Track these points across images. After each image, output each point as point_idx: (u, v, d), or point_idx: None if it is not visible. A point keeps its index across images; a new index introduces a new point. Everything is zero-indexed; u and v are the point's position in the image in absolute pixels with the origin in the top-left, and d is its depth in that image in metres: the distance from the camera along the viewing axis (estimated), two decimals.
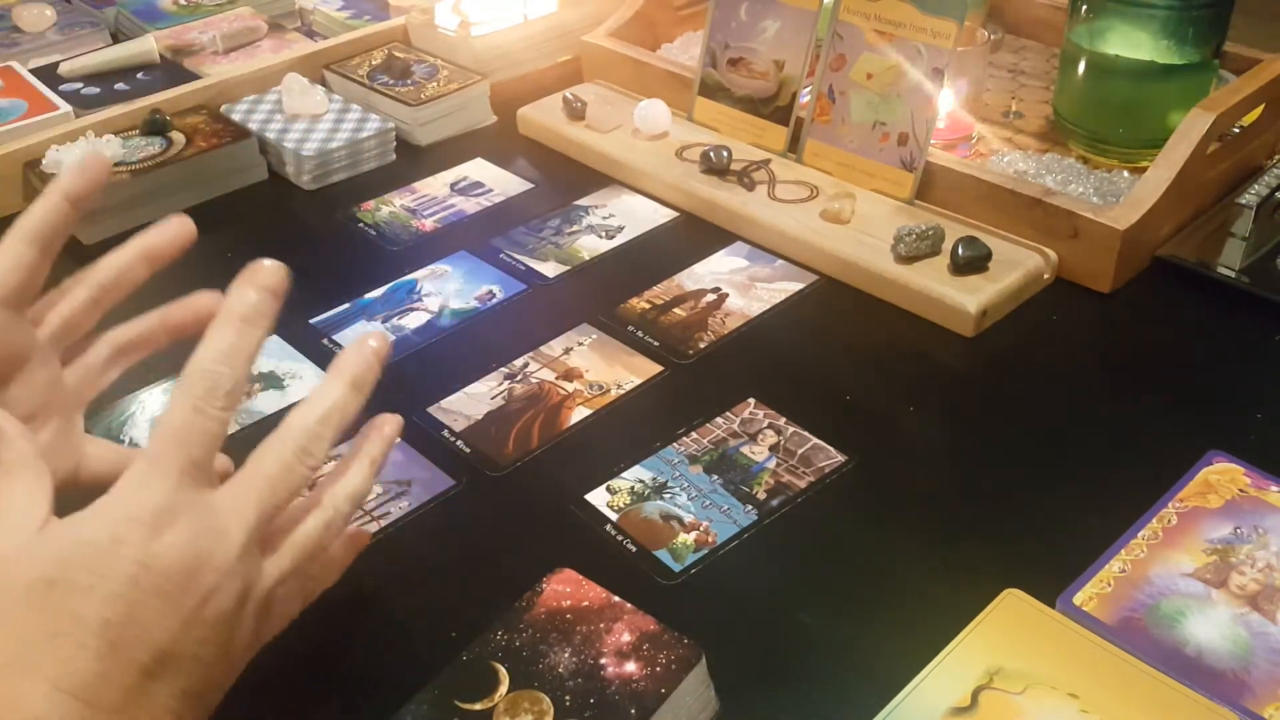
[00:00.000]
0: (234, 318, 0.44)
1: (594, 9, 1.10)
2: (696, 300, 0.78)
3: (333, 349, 0.74)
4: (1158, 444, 0.63)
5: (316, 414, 0.46)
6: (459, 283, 0.81)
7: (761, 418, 0.67)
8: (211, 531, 0.42)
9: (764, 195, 0.85)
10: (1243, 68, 0.85)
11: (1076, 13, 0.86)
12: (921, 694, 0.48)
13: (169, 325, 0.56)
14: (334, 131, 0.96)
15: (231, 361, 0.43)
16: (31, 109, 0.99)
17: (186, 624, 0.41)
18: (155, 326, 0.56)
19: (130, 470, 0.42)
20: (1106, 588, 0.53)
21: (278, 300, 0.45)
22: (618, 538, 0.59)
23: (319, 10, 1.22)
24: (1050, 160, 0.88)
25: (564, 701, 0.46)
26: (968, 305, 0.72)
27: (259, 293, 0.45)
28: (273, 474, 0.44)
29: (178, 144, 0.93)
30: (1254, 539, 0.55)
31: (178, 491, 0.42)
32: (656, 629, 0.49)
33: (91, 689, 0.39)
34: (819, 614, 0.54)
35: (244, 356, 0.44)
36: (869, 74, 0.83)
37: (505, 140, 1.01)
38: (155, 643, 0.40)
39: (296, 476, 0.45)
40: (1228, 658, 0.50)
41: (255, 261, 0.45)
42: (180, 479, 0.42)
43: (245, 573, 0.43)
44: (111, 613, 0.39)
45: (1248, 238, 0.75)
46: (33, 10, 1.18)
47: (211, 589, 0.41)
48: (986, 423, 0.66)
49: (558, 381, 0.70)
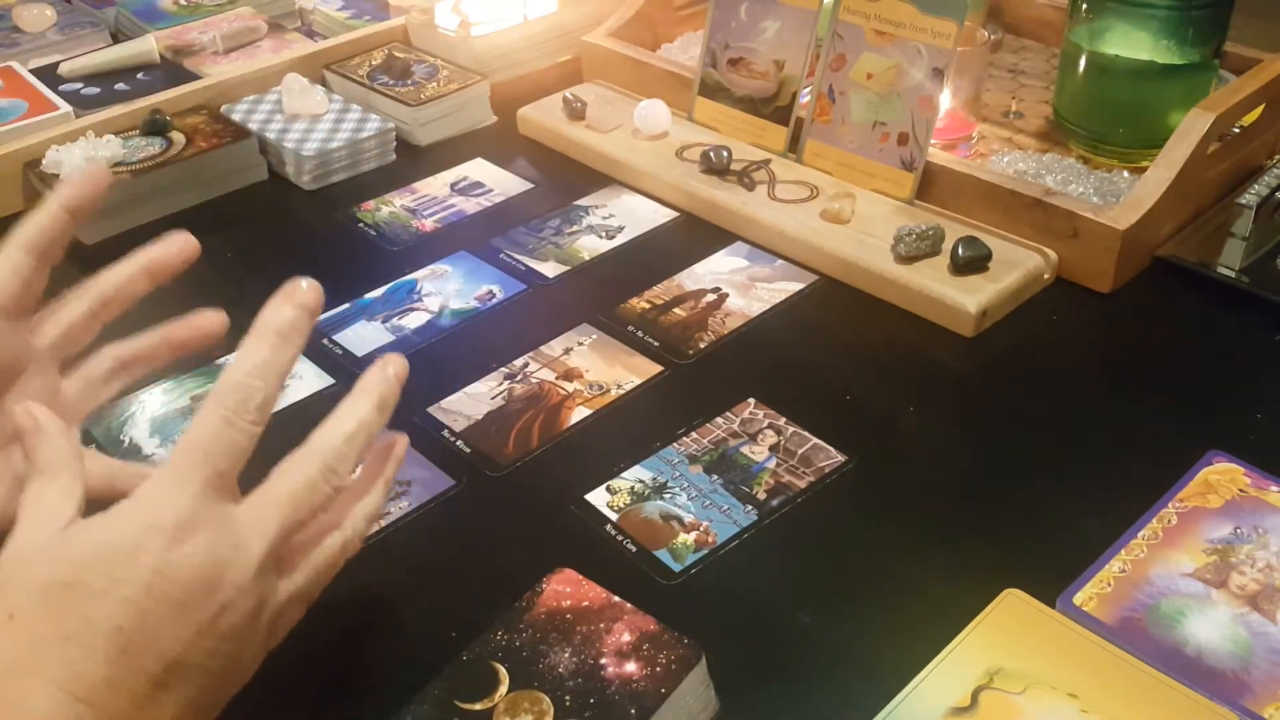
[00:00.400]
0: (270, 333, 0.44)
1: (594, 9, 1.10)
2: (696, 300, 0.78)
3: (333, 349, 0.74)
4: (1158, 444, 0.63)
5: (344, 433, 0.46)
6: (459, 283, 0.81)
7: (761, 418, 0.67)
8: (230, 545, 0.42)
9: (764, 195, 0.85)
10: (1243, 68, 0.85)
11: (1076, 13, 0.86)
12: (921, 694, 0.48)
13: (171, 342, 0.56)
14: (334, 131, 0.96)
15: (265, 375, 0.44)
16: (31, 109, 0.99)
17: (198, 635, 0.41)
18: (157, 343, 0.56)
19: (155, 476, 0.42)
20: (1106, 588, 0.53)
21: (313, 320, 0.46)
22: (618, 538, 0.59)
23: (319, 10, 1.22)
24: (1050, 160, 0.88)
25: (564, 701, 0.46)
26: (968, 305, 0.72)
27: (296, 310, 0.45)
28: (297, 491, 0.44)
29: (178, 144, 0.93)
30: (1254, 539, 0.55)
31: (201, 502, 0.42)
32: (656, 629, 0.49)
33: (98, 694, 0.38)
34: (819, 614, 0.54)
35: (277, 372, 0.44)
36: (869, 74, 0.83)
37: (505, 140, 1.01)
38: (166, 652, 0.40)
39: (320, 495, 0.45)
40: (1228, 658, 0.50)
41: (293, 280, 0.46)
42: (204, 489, 0.42)
43: (260, 589, 0.43)
44: (124, 619, 0.39)
45: (1248, 238, 0.75)
46: (33, 10, 1.18)
47: (226, 603, 0.41)
48: (986, 423, 0.66)
49: (558, 381, 0.70)
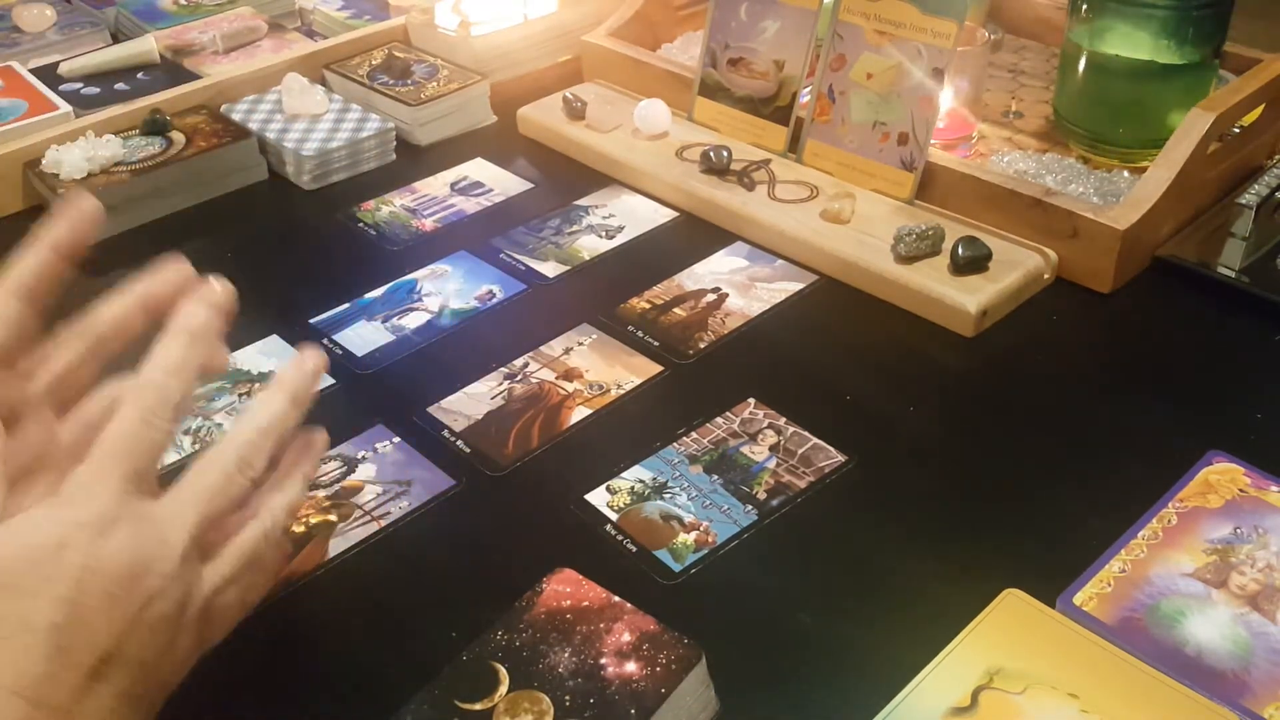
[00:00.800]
0: (184, 333, 0.46)
1: (594, 9, 1.10)
2: (696, 300, 0.78)
3: (333, 349, 0.74)
4: (1158, 444, 0.63)
5: (257, 427, 0.47)
6: (459, 283, 0.81)
7: (761, 418, 0.67)
8: (153, 538, 0.43)
9: (764, 195, 0.85)
10: (1243, 68, 0.85)
11: (1076, 13, 0.86)
12: (921, 694, 0.48)
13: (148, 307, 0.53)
14: (334, 131, 0.96)
15: (181, 375, 0.45)
16: (31, 109, 0.99)
17: (130, 627, 0.42)
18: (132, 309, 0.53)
19: (74, 476, 0.43)
20: (1106, 588, 0.53)
21: (225, 319, 0.47)
22: (618, 538, 0.59)
23: (319, 10, 1.22)
24: (1050, 160, 0.88)
25: (564, 701, 0.46)
26: (968, 305, 0.72)
27: (209, 310, 0.46)
28: (213, 483, 0.45)
29: (178, 144, 0.93)
30: (1254, 539, 0.55)
31: (120, 498, 0.43)
32: (656, 629, 0.49)
33: (38, 690, 0.39)
34: (819, 614, 0.54)
35: (192, 371, 0.45)
36: (869, 74, 0.83)
37: (505, 140, 1.01)
38: (100, 645, 0.41)
39: (236, 487, 0.46)
40: (1228, 658, 0.50)
41: (203, 280, 0.47)
42: (123, 486, 0.43)
43: (186, 578, 0.44)
44: (59, 616, 0.40)
45: (1248, 238, 0.75)
46: (33, 10, 1.18)
47: (154, 593, 0.42)
48: (986, 423, 0.66)
49: (558, 381, 0.70)
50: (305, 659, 0.54)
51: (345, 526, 0.61)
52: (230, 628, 0.48)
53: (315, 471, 0.52)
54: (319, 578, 0.58)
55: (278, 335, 0.75)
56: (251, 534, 0.48)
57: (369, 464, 0.65)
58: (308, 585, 0.57)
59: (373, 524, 0.61)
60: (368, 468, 0.65)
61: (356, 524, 0.61)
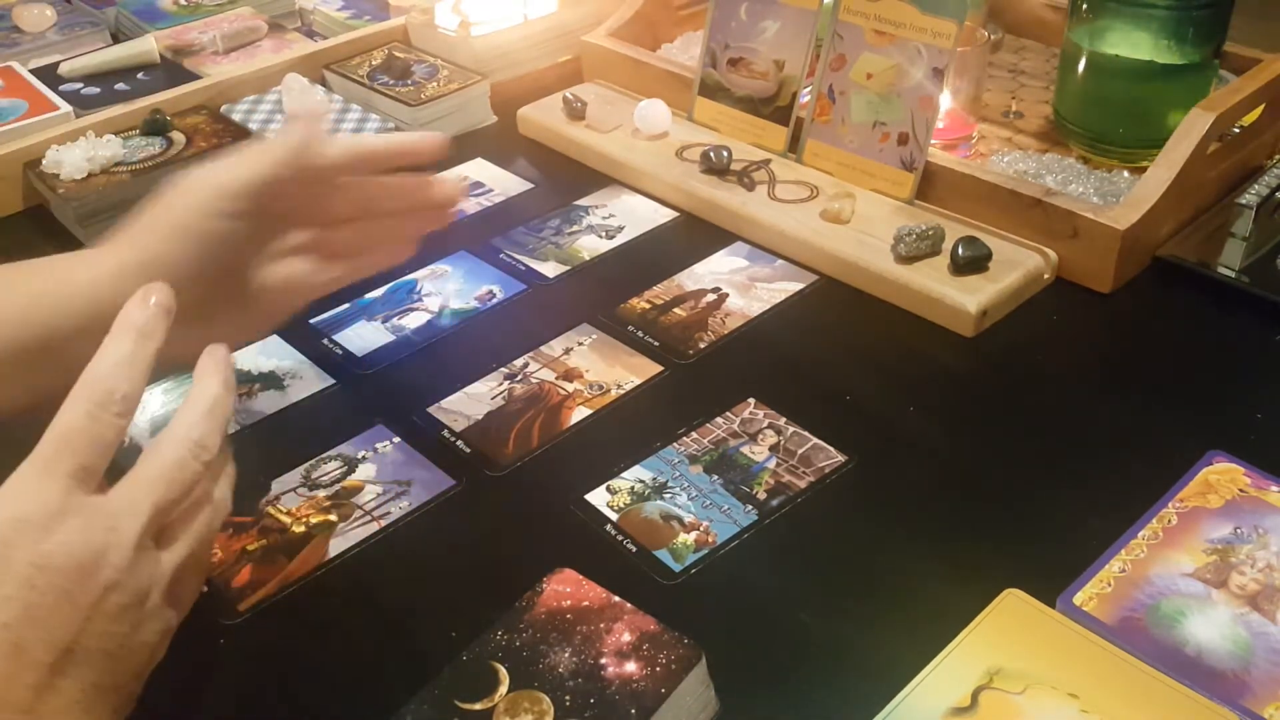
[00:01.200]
0: (131, 329, 0.46)
1: (594, 9, 1.10)
2: (696, 300, 0.78)
3: (333, 349, 0.74)
4: (1158, 444, 0.63)
5: (203, 410, 0.47)
6: (459, 283, 0.81)
7: (761, 418, 0.67)
8: (103, 529, 0.43)
9: (764, 195, 0.85)
10: (1243, 68, 0.85)
11: (1076, 13, 0.86)
12: (921, 694, 0.48)
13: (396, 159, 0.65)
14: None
15: (129, 370, 0.45)
16: (32, 109, 0.99)
17: (87, 620, 0.41)
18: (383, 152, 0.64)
19: (18, 472, 0.43)
20: (1106, 588, 0.53)
21: (169, 318, 0.47)
22: (618, 538, 0.59)
23: (319, 10, 1.22)
24: (1050, 160, 0.88)
25: (564, 701, 0.46)
26: (968, 305, 0.72)
27: (154, 309, 0.47)
28: (167, 470, 0.45)
29: (178, 144, 0.93)
30: (1254, 539, 0.55)
31: (66, 494, 0.42)
32: (656, 629, 0.49)
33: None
34: (819, 614, 0.54)
35: (141, 367, 0.45)
36: (869, 74, 0.83)
37: (505, 140, 1.01)
38: (57, 640, 0.41)
39: (190, 471, 0.46)
40: (1228, 658, 0.50)
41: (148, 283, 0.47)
42: (69, 482, 0.43)
43: (143, 567, 0.44)
44: (9, 616, 0.40)
45: (1248, 238, 0.75)
46: (33, 10, 1.18)
47: (109, 584, 0.42)
48: (986, 423, 0.66)
49: (558, 381, 0.70)
50: (305, 659, 0.54)
51: (345, 526, 0.61)
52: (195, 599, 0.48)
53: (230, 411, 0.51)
54: (319, 578, 0.58)
55: (278, 335, 0.75)
56: (204, 519, 0.47)
57: (369, 464, 0.65)
58: (308, 585, 0.58)
59: (373, 524, 0.61)
60: (368, 468, 0.65)
61: (356, 524, 0.61)
